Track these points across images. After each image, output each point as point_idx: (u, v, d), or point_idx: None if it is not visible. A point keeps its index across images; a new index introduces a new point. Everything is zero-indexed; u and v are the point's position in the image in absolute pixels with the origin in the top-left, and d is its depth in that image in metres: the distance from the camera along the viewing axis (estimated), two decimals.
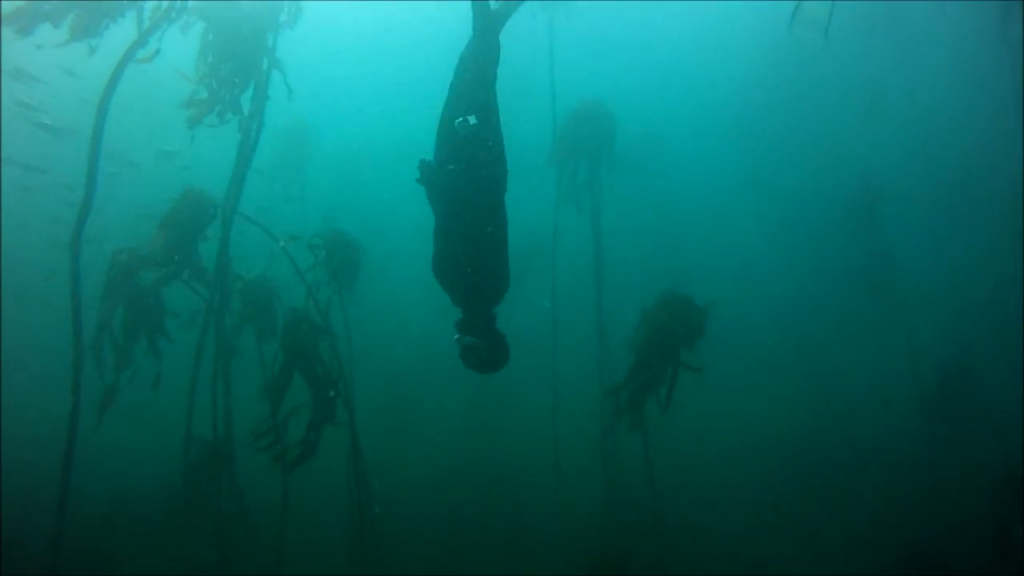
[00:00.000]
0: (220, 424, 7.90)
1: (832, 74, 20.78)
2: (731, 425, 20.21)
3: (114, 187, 7.54)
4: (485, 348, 4.42)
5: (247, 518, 8.34)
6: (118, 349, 7.71)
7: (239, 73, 7.81)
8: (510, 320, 4.70)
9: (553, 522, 11.44)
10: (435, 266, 4.50)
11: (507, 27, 4.67)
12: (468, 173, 4.34)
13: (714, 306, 8.18)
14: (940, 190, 19.17)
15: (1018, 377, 15.37)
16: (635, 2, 23.16)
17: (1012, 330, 16.57)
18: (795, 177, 22.39)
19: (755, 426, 18.80)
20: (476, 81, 4.53)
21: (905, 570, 8.44)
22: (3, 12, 7.10)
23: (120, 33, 7.28)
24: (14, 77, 14.70)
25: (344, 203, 20.38)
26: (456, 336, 4.47)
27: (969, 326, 17.79)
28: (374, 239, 11.25)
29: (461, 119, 4.39)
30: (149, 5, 7.16)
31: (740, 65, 23.77)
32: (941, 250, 19.34)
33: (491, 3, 4.62)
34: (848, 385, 17.71)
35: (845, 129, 21.22)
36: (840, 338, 18.91)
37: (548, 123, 12.35)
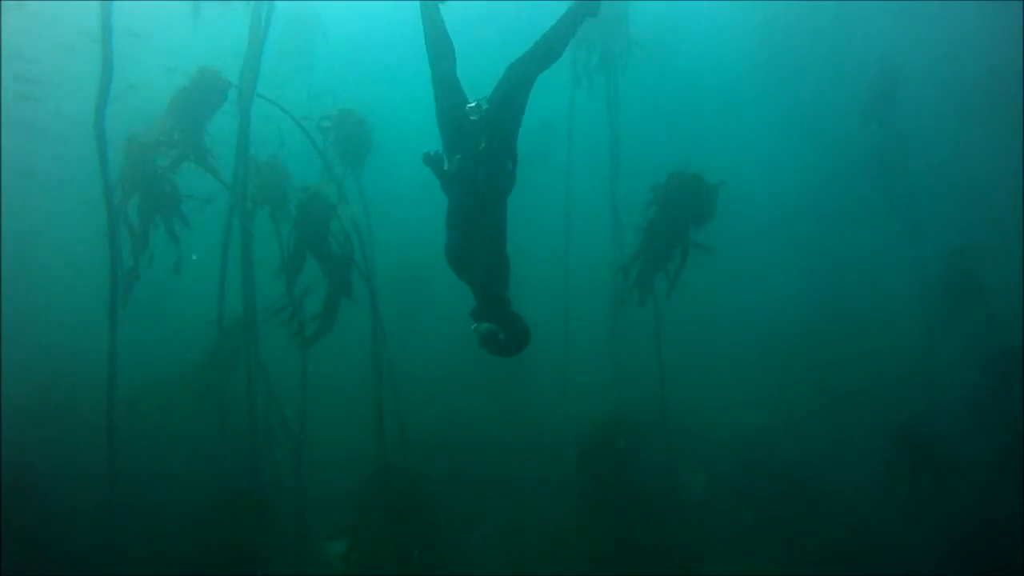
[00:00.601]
0: (246, 300, 8.17)
1: None
2: (737, 306, 20.64)
3: (88, 66, 7.46)
4: (503, 333, 4.34)
5: (270, 390, 8.72)
6: (134, 235, 7.84)
7: None
8: (525, 202, 4.74)
9: (561, 393, 11.93)
10: (449, 253, 4.46)
11: None
12: (480, 163, 4.28)
13: (725, 187, 8.19)
14: (960, 79, 18.60)
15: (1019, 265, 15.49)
16: None
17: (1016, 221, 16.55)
18: (814, 61, 21.73)
19: (761, 307, 19.21)
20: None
21: (887, 439, 8.82)
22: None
23: None
24: None
25: (349, 89, 20.04)
26: (473, 326, 4.40)
27: (977, 215, 17.73)
28: (382, 124, 11.20)
29: (474, 103, 4.34)
30: None
31: None
32: (956, 139, 18.90)
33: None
34: (854, 269, 17.90)
35: (867, 14, 20.40)
36: (849, 223, 18.91)
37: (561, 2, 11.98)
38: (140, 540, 7.85)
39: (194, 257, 8.12)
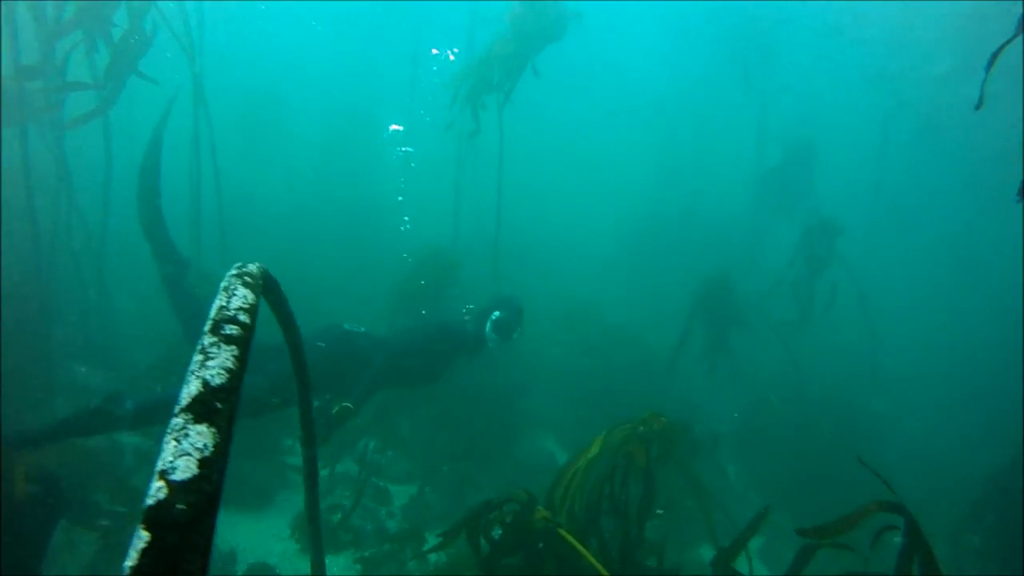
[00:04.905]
0: None
1: None
2: (585, 169, 21.08)
3: None
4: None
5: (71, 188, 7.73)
6: None
7: None
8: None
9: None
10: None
11: None
12: None
13: (581, 20, 7.90)
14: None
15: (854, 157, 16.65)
16: None
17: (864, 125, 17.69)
18: None
19: (611, 175, 19.70)
20: None
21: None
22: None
23: None
24: None
25: None
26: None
27: (821, 120, 18.68)
28: None
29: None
30: None
31: None
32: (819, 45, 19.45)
33: None
34: (703, 156, 18.57)
35: None
36: (705, 106, 19.43)
37: None
38: None
39: None
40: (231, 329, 0.95)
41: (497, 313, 5.56)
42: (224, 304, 1.01)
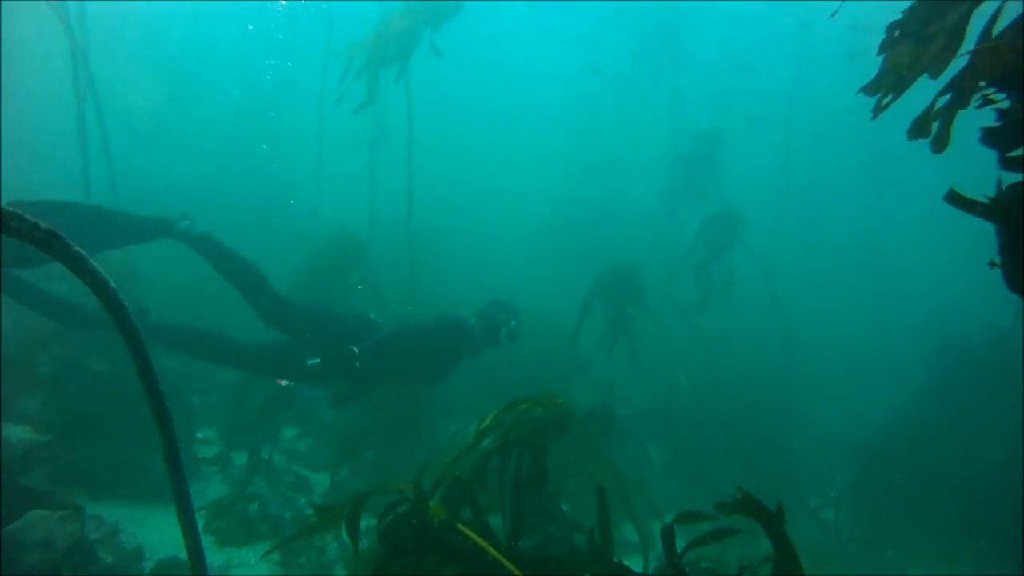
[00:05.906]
0: None
1: None
2: (505, 157, 21.02)
3: None
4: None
5: None
6: None
7: None
8: None
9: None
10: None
11: None
12: None
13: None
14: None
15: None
16: None
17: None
18: None
19: (532, 175, 19.77)
20: None
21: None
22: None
23: None
24: None
25: None
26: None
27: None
28: None
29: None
30: None
31: None
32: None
33: None
34: (617, 147, 18.88)
35: None
36: (622, 96, 19.72)
37: None
38: None
39: None
40: None
41: (514, 323, 6.22)
42: None
